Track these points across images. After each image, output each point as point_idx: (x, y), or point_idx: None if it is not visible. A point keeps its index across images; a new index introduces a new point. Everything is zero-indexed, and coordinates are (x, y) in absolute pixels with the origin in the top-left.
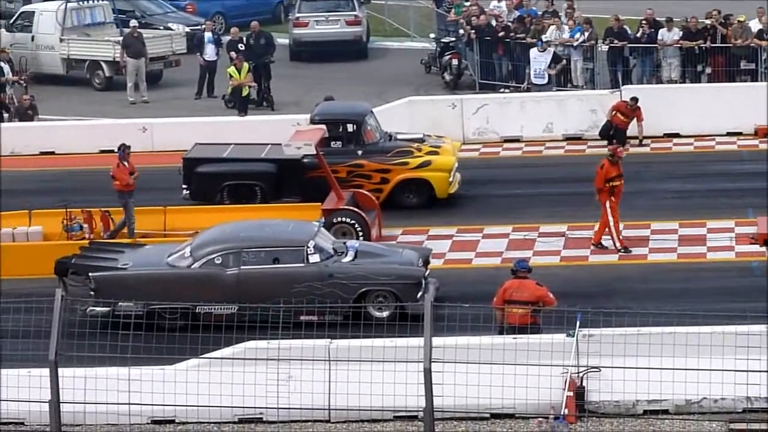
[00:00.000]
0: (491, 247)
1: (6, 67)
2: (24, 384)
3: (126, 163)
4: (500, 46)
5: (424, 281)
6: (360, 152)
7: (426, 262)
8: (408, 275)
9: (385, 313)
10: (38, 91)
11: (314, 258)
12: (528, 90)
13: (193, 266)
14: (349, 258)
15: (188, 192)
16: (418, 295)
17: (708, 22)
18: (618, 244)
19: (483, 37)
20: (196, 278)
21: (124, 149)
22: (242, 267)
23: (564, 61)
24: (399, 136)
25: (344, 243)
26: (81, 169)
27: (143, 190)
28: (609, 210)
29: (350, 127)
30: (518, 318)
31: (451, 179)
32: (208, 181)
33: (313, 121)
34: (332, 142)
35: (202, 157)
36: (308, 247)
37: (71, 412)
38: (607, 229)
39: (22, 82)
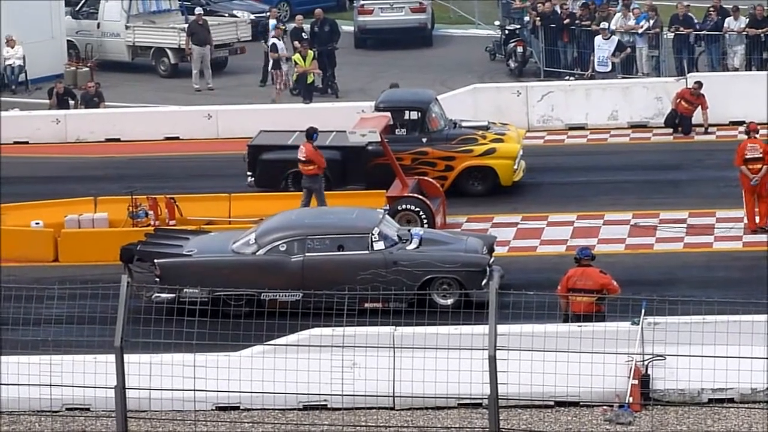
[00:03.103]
0: (556, 234)
1: (280, 44)
2: (90, 370)
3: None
4: (565, 34)
5: (488, 269)
6: (424, 139)
7: (490, 250)
8: (472, 263)
9: (449, 301)
10: (103, 78)
11: (379, 245)
12: (591, 78)
13: (257, 253)
14: (413, 245)
15: (253, 179)
16: (483, 283)
17: None
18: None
19: (548, 25)
20: (261, 265)
21: (316, 133)
22: (307, 254)
23: (628, 50)
24: (464, 124)
25: (409, 230)
26: (146, 156)
27: (209, 177)
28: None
29: (415, 115)
30: (583, 306)
31: (515, 167)
32: (273, 168)
33: (378, 109)
34: (397, 130)
35: (267, 144)
36: (373, 234)
37: (136, 398)
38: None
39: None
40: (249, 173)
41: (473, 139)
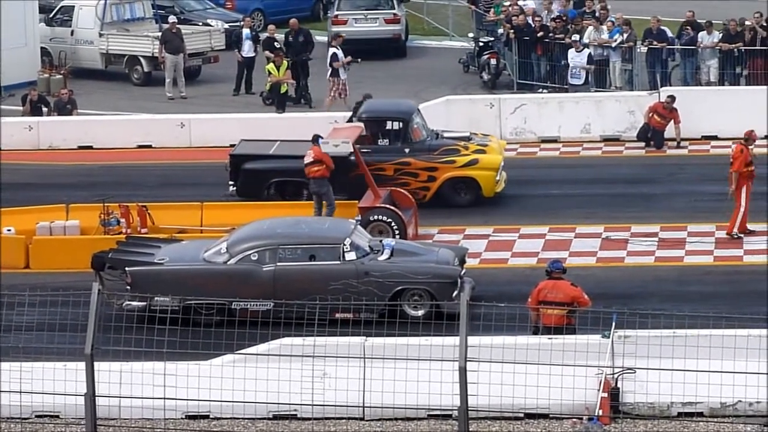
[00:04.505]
0: (527, 247)
1: (339, 53)
2: (60, 377)
3: None
4: (539, 46)
5: (459, 280)
6: (407, 150)
7: (462, 262)
8: (444, 274)
9: (420, 312)
10: (77, 85)
11: (350, 256)
12: (565, 90)
13: (229, 262)
14: (385, 256)
15: (235, 188)
16: (454, 294)
17: (748, 23)
18: (737, 230)
19: (522, 37)
20: (233, 274)
21: (320, 137)
22: (278, 264)
23: (592, 67)
24: (445, 134)
25: (380, 241)
26: (119, 163)
27: (181, 185)
28: (745, 195)
29: (397, 125)
30: (553, 319)
31: (497, 178)
32: (256, 177)
33: (360, 119)
34: (379, 140)
35: (250, 154)
36: (344, 244)
37: (106, 406)
38: (737, 212)
39: (61, 75)
40: (231, 182)
41: (456, 150)
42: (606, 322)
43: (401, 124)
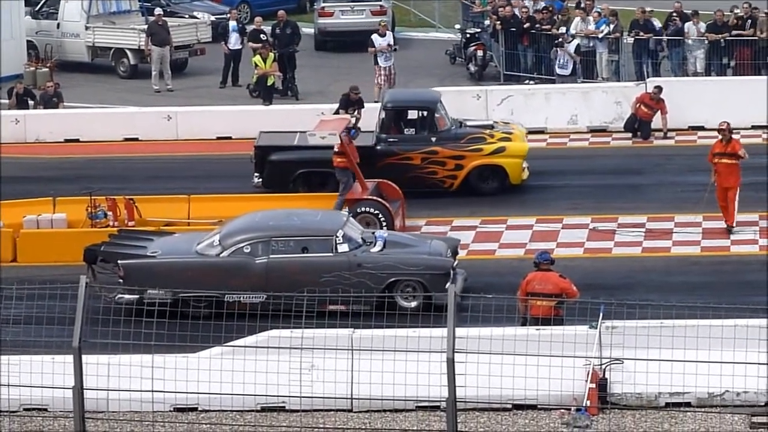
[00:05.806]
0: (515, 238)
1: (377, 40)
2: (48, 370)
3: None
4: (525, 38)
5: (452, 272)
6: (433, 139)
7: (454, 253)
8: (436, 266)
9: (413, 304)
10: (63, 78)
11: (343, 248)
12: (552, 81)
13: (221, 255)
14: (377, 248)
15: (260, 180)
16: (446, 286)
17: (737, 11)
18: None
19: (508, 28)
20: (225, 267)
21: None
22: (271, 256)
23: (578, 57)
24: (468, 123)
25: (373, 233)
26: (105, 156)
27: (168, 178)
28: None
29: (423, 114)
30: (542, 310)
31: (524, 165)
32: (282, 169)
33: (385, 109)
34: (406, 129)
35: (275, 145)
36: (337, 236)
37: (94, 399)
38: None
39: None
40: (256, 174)
41: (482, 138)
42: (593, 313)
43: (426, 113)
